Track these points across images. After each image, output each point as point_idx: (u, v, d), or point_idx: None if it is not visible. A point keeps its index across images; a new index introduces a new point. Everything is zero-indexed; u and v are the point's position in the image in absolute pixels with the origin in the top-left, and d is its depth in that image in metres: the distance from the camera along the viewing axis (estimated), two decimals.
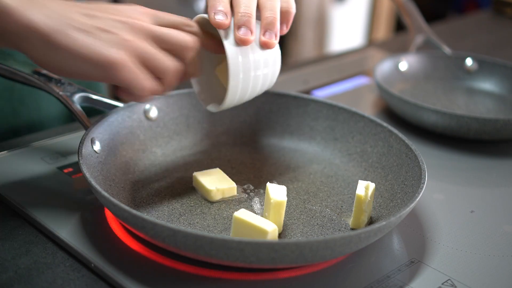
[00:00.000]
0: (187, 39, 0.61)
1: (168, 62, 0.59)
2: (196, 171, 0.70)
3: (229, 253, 0.52)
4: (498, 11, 1.54)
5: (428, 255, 0.62)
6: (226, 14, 0.62)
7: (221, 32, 0.63)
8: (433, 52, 1.08)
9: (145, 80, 0.58)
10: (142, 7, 0.61)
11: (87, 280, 0.55)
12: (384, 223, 0.55)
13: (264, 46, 0.64)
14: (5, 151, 0.73)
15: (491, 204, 0.73)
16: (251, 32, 0.62)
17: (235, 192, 0.67)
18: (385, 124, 0.74)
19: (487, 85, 1.03)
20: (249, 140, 0.79)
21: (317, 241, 0.52)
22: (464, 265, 0.61)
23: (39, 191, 0.67)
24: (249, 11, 0.63)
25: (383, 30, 2.72)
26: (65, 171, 0.70)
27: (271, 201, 0.60)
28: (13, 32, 0.54)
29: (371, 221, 0.64)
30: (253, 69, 0.64)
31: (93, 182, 0.58)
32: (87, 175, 0.59)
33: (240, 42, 0.62)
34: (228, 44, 0.62)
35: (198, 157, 0.75)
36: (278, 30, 0.64)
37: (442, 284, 0.58)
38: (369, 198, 0.62)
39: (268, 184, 0.62)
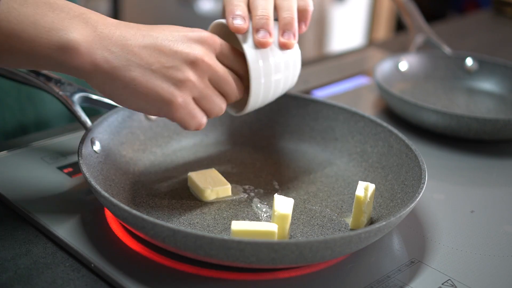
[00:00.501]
0: (239, 89, 0.62)
1: (220, 106, 0.61)
2: (196, 171, 0.70)
3: (229, 253, 0.52)
4: (498, 10, 1.54)
5: (428, 255, 0.62)
6: (244, 18, 0.62)
7: (240, 37, 0.62)
8: (433, 52, 1.08)
9: (196, 120, 0.60)
10: (209, 33, 0.60)
11: (87, 280, 0.55)
12: (384, 223, 0.55)
13: (284, 47, 0.64)
14: (5, 151, 0.73)
15: (492, 204, 0.73)
16: (270, 34, 0.62)
17: (229, 193, 0.67)
18: (385, 124, 0.74)
19: (487, 85, 1.03)
20: (249, 140, 0.79)
21: (317, 241, 0.52)
22: (464, 265, 0.60)
23: (39, 191, 0.66)
24: (266, 13, 0.62)
25: (383, 30, 2.72)
26: (65, 171, 0.70)
27: (275, 213, 0.59)
28: (79, 68, 0.56)
29: (371, 222, 0.64)
30: (274, 72, 0.64)
31: (93, 182, 0.58)
32: (87, 175, 0.59)
33: (260, 45, 0.62)
34: (248, 48, 0.62)
35: (198, 157, 0.75)
36: (296, 30, 0.64)
37: (442, 284, 0.58)
38: (368, 199, 0.62)
39: (276, 196, 0.61)
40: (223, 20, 0.64)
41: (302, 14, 0.66)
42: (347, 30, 2.64)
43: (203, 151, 0.76)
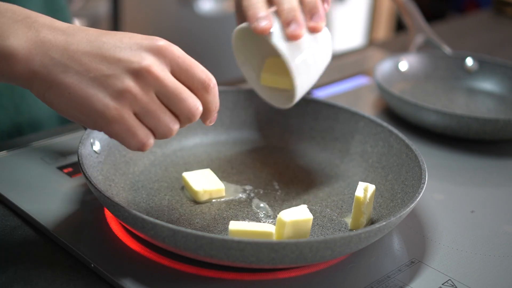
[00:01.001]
0: (194, 110, 0.54)
1: (168, 126, 0.54)
2: (191, 171, 0.70)
3: (229, 253, 0.52)
4: (498, 10, 1.54)
5: (428, 255, 0.62)
6: (268, 18, 0.62)
7: (267, 37, 0.62)
8: (433, 52, 1.08)
9: (137, 138, 0.53)
10: (167, 43, 0.54)
11: (87, 280, 0.55)
12: (384, 223, 0.55)
13: (314, 30, 0.63)
14: (5, 151, 0.73)
15: (492, 204, 0.73)
16: (300, 26, 0.61)
17: (223, 194, 0.67)
18: (385, 124, 0.74)
19: (488, 85, 1.03)
20: (249, 140, 0.79)
21: (317, 241, 0.52)
22: (464, 265, 0.60)
23: (39, 191, 0.66)
24: (293, 4, 0.62)
25: (383, 30, 2.72)
26: (65, 171, 0.70)
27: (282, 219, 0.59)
28: (17, 75, 0.52)
29: (371, 222, 0.64)
30: (311, 58, 0.64)
31: (93, 182, 0.57)
32: (87, 175, 0.58)
33: (293, 38, 0.61)
34: (280, 44, 0.62)
35: (198, 157, 0.75)
36: (322, 11, 0.64)
37: (443, 284, 0.58)
38: (368, 200, 0.62)
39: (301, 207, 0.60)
40: (244, 25, 0.64)
41: None
42: (347, 30, 2.64)
43: (203, 151, 0.76)
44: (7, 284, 0.54)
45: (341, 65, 1.13)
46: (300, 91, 0.65)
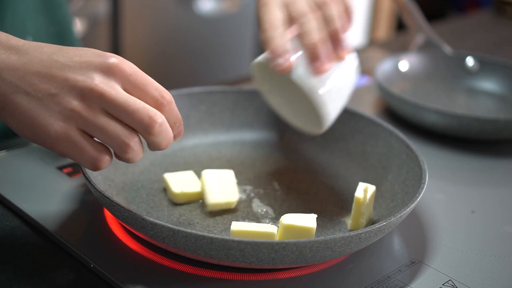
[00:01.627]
0: (147, 119, 0.52)
1: (120, 138, 0.52)
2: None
3: (229, 254, 0.52)
4: (499, 10, 1.54)
5: (428, 255, 0.61)
6: (288, 57, 0.60)
7: (289, 73, 0.60)
8: (433, 51, 1.08)
9: (87, 154, 0.52)
10: (118, 60, 0.53)
11: (87, 280, 0.55)
12: (384, 223, 0.55)
13: (338, 60, 0.62)
14: (4, 151, 0.73)
15: (492, 204, 0.73)
16: (324, 63, 0.60)
17: (200, 197, 0.66)
18: (385, 124, 0.74)
19: (488, 84, 1.03)
20: (249, 140, 0.79)
21: (317, 241, 0.52)
22: (465, 266, 0.60)
23: (38, 191, 0.66)
24: (316, 39, 0.60)
25: (383, 30, 2.72)
26: (64, 171, 0.70)
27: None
28: None
29: (372, 223, 0.64)
30: (336, 87, 0.62)
31: (93, 182, 0.57)
32: (87, 175, 0.58)
33: (319, 73, 0.60)
34: (302, 81, 0.60)
35: (198, 157, 0.75)
36: (343, 39, 0.62)
37: (443, 284, 0.57)
38: (367, 201, 0.62)
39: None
40: (262, 60, 0.62)
41: (345, 15, 0.64)
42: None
43: (203, 151, 0.76)
44: (7, 284, 0.54)
45: None
46: (328, 119, 0.63)
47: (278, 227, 0.59)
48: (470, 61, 1.04)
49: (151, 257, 0.58)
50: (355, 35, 2.68)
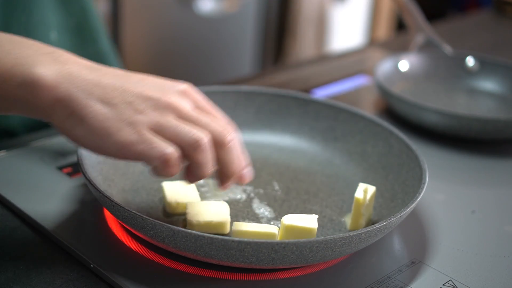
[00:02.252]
0: (222, 132, 0.55)
1: (191, 133, 0.53)
2: (172, 181, 0.70)
3: (229, 254, 0.52)
4: (499, 10, 1.54)
5: (429, 255, 0.61)
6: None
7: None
8: (434, 51, 1.08)
9: (158, 149, 0.52)
10: (190, 85, 0.57)
11: (86, 280, 0.55)
12: (384, 223, 0.55)
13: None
14: (4, 151, 0.73)
15: (493, 204, 0.73)
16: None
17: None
18: (385, 124, 0.73)
19: (488, 84, 1.03)
20: (249, 140, 0.79)
21: (317, 241, 0.52)
22: (465, 266, 0.60)
23: (38, 191, 0.66)
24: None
25: (383, 30, 2.72)
26: (64, 171, 0.70)
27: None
28: (40, 104, 0.53)
29: (372, 223, 0.64)
30: None
31: (93, 182, 0.57)
32: (87, 175, 0.58)
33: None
34: None
35: None
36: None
37: (443, 284, 0.57)
38: (367, 202, 0.62)
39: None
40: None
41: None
42: (347, 30, 2.64)
43: None
44: (6, 285, 0.54)
45: (341, 65, 1.13)
46: None
47: (278, 227, 0.59)
48: (470, 61, 1.04)
49: (151, 257, 0.57)
50: (355, 35, 2.68)
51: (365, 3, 2.67)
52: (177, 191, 0.64)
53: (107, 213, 0.63)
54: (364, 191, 0.62)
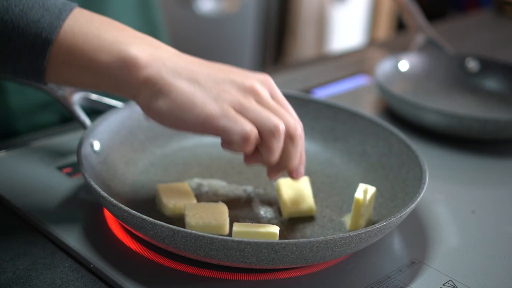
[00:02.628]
0: (294, 123, 0.58)
1: (269, 116, 0.57)
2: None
3: (229, 254, 0.52)
4: (499, 10, 1.54)
5: (429, 255, 0.61)
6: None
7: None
8: (434, 51, 1.08)
9: (240, 125, 0.56)
10: (269, 78, 0.61)
11: (86, 280, 0.55)
12: (384, 223, 0.55)
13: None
14: (4, 151, 0.73)
15: (493, 204, 0.73)
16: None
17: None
18: (385, 124, 0.73)
19: (488, 84, 1.03)
20: None
21: (317, 241, 0.52)
22: (465, 266, 0.60)
23: (38, 191, 0.66)
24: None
25: (383, 30, 2.72)
26: (64, 171, 0.70)
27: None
28: (131, 82, 0.57)
29: (372, 223, 0.64)
30: None
31: (92, 183, 0.57)
32: (86, 175, 0.58)
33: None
34: None
35: (198, 157, 0.75)
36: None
37: (443, 284, 0.57)
38: (367, 202, 0.62)
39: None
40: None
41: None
42: (347, 30, 2.64)
43: (203, 151, 0.76)
44: (6, 285, 0.54)
45: (341, 65, 1.13)
46: None
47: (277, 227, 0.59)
48: (470, 61, 1.04)
49: (151, 257, 0.57)
50: (355, 35, 2.68)
51: (365, 3, 2.67)
52: (173, 193, 0.64)
53: (107, 213, 0.63)
54: (364, 192, 0.62)
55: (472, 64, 1.04)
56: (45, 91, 0.70)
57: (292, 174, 0.61)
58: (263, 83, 0.60)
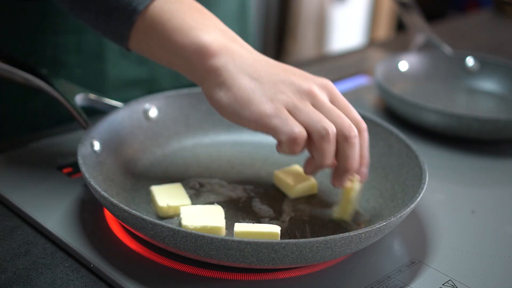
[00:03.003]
0: (348, 127, 0.59)
1: (321, 122, 0.59)
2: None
3: (229, 254, 0.52)
4: (499, 10, 1.54)
5: (428, 255, 0.61)
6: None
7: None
8: (433, 51, 1.08)
9: (289, 126, 0.58)
10: (330, 82, 0.63)
11: (87, 280, 0.55)
12: (384, 223, 0.55)
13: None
14: (5, 151, 0.73)
15: (492, 204, 0.73)
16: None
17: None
18: (385, 124, 0.74)
19: (488, 84, 1.03)
20: (249, 140, 0.79)
21: (317, 241, 0.52)
22: (465, 266, 0.60)
23: (38, 191, 0.66)
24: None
25: (383, 30, 2.72)
26: (65, 171, 0.70)
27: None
28: (200, 69, 0.60)
29: (370, 220, 0.64)
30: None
31: (93, 183, 0.57)
32: (87, 175, 0.58)
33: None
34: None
35: (198, 157, 0.75)
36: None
37: (443, 284, 0.57)
38: (355, 190, 0.62)
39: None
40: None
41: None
42: (347, 30, 2.64)
43: (203, 151, 0.76)
44: (6, 285, 0.54)
45: (341, 65, 1.13)
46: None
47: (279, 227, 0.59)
48: (470, 61, 1.04)
49: (151, 257, 0.58)
50: (355, 35, 2.68)
51: (365, 3, 2.68)
52: (167, 194, 0.64)
53: (107, 213, 0.63)
54: (351, 180, 0.63)
55: (471, 64, 1.04)
56: (45, 91, 0.70)
57: (357, 176, 0.62)
58: (322, 87, 0.61)
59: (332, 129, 0.58)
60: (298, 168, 0.70)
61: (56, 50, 0.85)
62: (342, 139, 0.59)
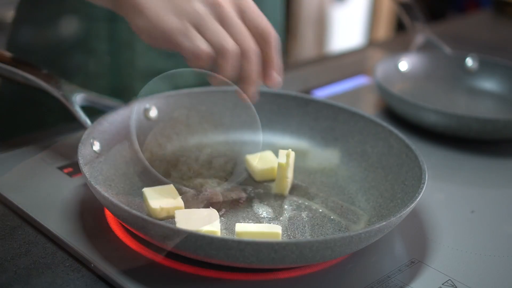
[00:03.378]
0: (249, 44, 0.62)
1: (223, 35, 0.61)
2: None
3: (229, 254, 0.52)
4: (498, 10, 1.54)
5: (428, 255, 0.61)
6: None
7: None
8: (433, 52, 1.08)
9: (196, 42, 0.60)
10: None
11: (87, 280, 0.55)
12: (384, 223, 0.55)
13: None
14: (5, 151, 0.73)
15: (492, 204, 0.73)
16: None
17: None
18: (385, 124, 0.74)
19: (488, 85, 1.03)
20: (249, 140, 0.79)
21: (317, 241, 0.52)
22: (464, 266, 0.60)
23: (39, 191, 0.66)
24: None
25: (383, 30, 2.72)
26: (65, 171, 0.70)
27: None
28: (123, 5, 0.63)
29: (370, 222, 0.64)
30: None
31: (93, 182, 0.57)
32: (87, 175, 0.58)
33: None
34: None
35: (198, 157, 0.75)
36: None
37: (443, 284, 0.57)
38: (290, 165, 0.66)
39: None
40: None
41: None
42: (347, 30, 2.64)
43: (203, 151, 0.76)
44: (6, 284, 0.54)
45: (341, 65, 1.13)
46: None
47: (280, 226, 0.59)
48: (470, 61, 1.04)
49: (151, 257, 0.58)
50: (355, 35, 2.68)
51: (365, 3, 2.68)
52: (159, 196, 0.63)
53: (107, 213, 0.63)
54: (287, 155, 0.65)
55: (471, 64, 1.04)
56: (46, 91, 0.70)
57: (266, 82, 0.65)
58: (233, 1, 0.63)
59: (231, 47, 0.61)
60: (268, 154, 0.73)
61: (88, 37, 0.86)
62: (241, 54, 0.62)
